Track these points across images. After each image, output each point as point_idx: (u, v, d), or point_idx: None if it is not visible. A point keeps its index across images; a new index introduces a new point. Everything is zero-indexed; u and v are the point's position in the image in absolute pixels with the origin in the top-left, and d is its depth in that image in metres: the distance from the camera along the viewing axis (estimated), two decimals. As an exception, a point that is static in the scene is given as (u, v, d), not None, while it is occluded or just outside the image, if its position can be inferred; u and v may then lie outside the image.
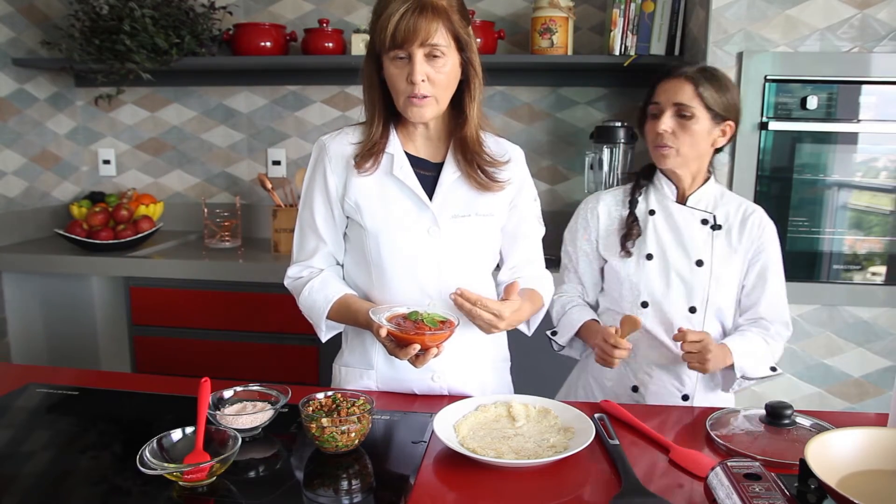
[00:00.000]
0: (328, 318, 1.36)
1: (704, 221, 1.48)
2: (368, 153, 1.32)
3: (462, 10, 1.27)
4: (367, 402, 1.14)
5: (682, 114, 1.40)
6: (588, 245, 1.56)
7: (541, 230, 1.48)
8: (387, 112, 1.33)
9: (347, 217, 1.37)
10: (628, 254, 1.49)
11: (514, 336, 1.56)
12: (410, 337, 1.18)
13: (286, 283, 1.43)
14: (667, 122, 1.41)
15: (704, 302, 1.46)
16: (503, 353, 1.50)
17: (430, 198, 1.33)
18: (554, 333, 1.55)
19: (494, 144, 1.40)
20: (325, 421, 1.06)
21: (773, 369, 1.44)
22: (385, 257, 1.34)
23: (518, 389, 1.36)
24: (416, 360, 1.20)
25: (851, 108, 2.03)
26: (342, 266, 1.44)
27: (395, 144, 1.34)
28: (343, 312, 1.35)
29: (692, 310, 1.46)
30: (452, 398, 1.28)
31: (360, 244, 1.36)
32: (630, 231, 1.50)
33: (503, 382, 1.49)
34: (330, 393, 1.17)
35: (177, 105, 2.93)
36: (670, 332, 1.44)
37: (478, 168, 1.34)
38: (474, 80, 1.32)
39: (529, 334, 1.47)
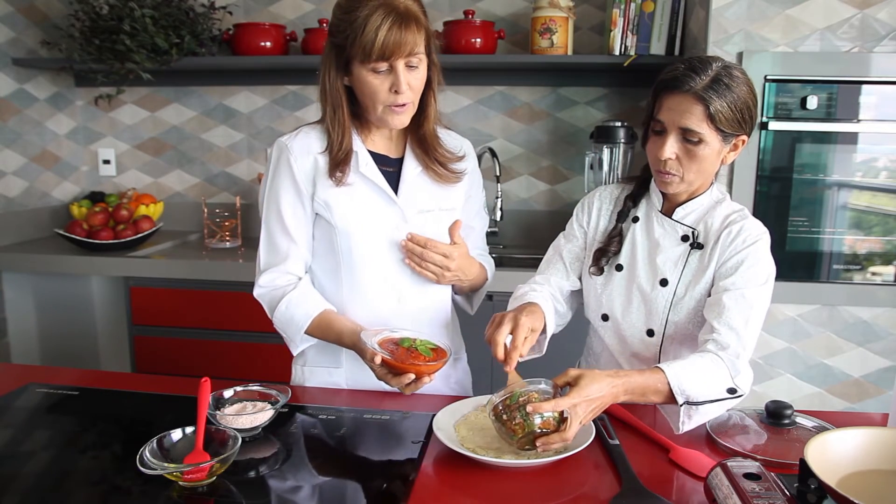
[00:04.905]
0: (306, 332, 1.36)
1: (685, 238, 1.30)
2: (342, 161, 1.32)
3: (424, 10, 1.27)
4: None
5: (689, 139, 1.19)
6: (581, 234, 1.42)
7: (486, 220, 1.58)
8: (350, 114, 1.34)
9: (316, 215, 1.37)
10: (600, 270, 1.36)
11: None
12: (406, 367, 1.19)
13: (257, 293, 1.39)
14: (671, 148, 1.21)
15: (662, 326, 1.30)
16: (457, 341, 1.55)
17: (396, 193, 1.36)
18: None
19: (449, 138, 1.45)
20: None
21: (733, 392, 1.15)
22: (356, 254, 1.35)
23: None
24: (407, 387, 1.21)
25: (851, 108, 2.03)
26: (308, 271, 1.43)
27: (357, 142, 1.35)
28: (324, 329, 1.35)
29: (650, 332, 1.32)
30: (452, 398, 1.28)
31: (330, 242, 1.37)
32: (608, 247, 1.35)
33: (464, 372, 1.57)
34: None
35: (177, 105, 2.93)
36: (626, 352, 1.36)
37: (436, 162, 1.39)
38: (436, 77, 1.35)
39: (472, 313, 1.55)
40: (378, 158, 1.37)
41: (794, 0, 1.99)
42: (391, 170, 1.38)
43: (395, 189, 1.37)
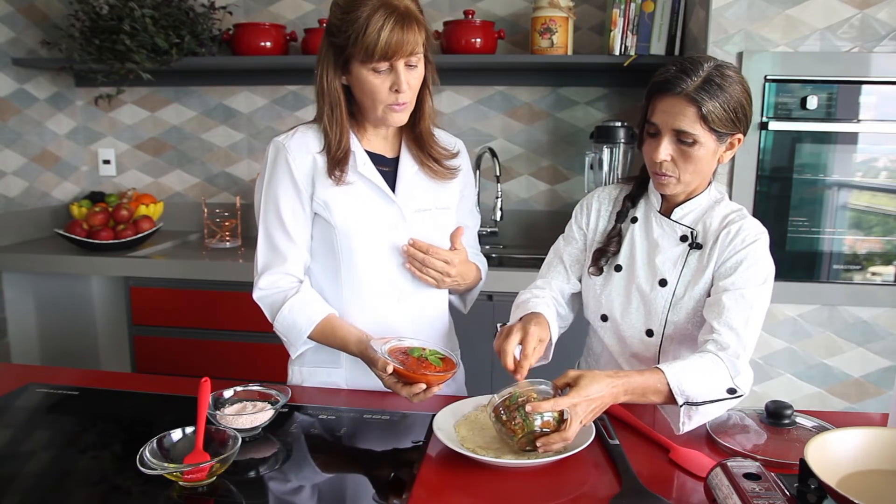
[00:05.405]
0: (308, 337, 1.36)
1: (684, 238, 1.30)
2: (341, 161, 1.32)
3: (421, 9, 1.27)
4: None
5: (683, 140, 1.19)
6: (580, 235, 1.42)
7: (479, 218, 1.59)
8: (347, 114, 1.34)
9: (315, 214, 1.36)
10: (599, 270, 1.36)
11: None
12: (417, 377, 1.19)
13: (257, 296, 1.37)
14: (665, 150, 1.21)
15: (662, 326, 1.30)
16: (452, 340, 1.55)
17: (393, 192, 1.37)
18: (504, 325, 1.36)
19: (442, 136, 1.46)
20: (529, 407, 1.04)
21: (733, 392, 1.15)
22: (356, 254, 1.35)
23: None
24: (416, 396, 1.21)
25: (851, 108, 2.03)
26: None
27: (353, 142, 1.35)
28: (328, 334, 1.35)
29: (649, 333, 1.32)
30: (451, 398, 1.28)
31: (329, 243, 1.37)
32: (607, 247, 1.36)
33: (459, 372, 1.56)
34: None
35: (177, 105, 2.93)
36: (625, 352, 1.37)
37: (431, 159, 1.40)
38: (431, 74, 1.35)
39: (466, 312, 1.57)
40: (374, 158, 1.37)
41: (794, 0, 1.99)
42: (387, 169, 1.39)
43: (392, 188, 1.37)
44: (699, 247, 1.29)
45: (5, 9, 2.57)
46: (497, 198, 2.59)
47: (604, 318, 1.37)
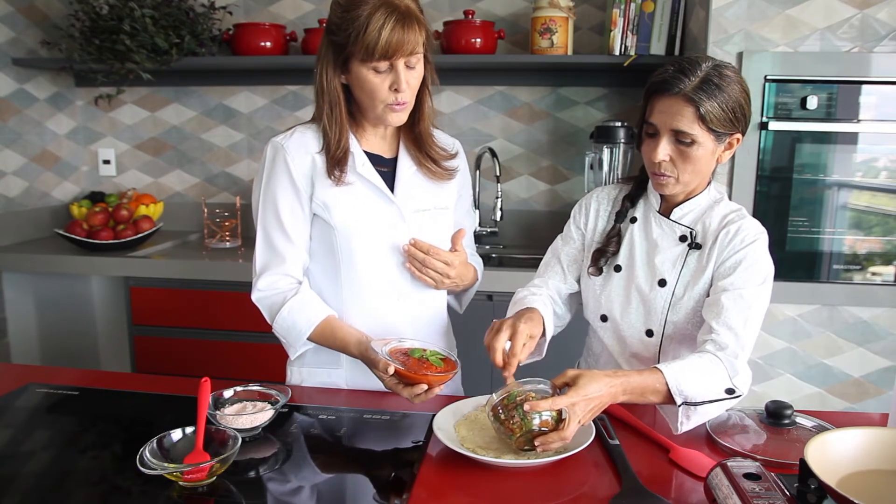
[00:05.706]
0: (307, 338, 1.35)
1: (683, 238, 1.30)
2: (340, 161, 1.32)
3: (421, 9, 1.27)
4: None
5: (682, 140, 1.19)
6: (579, 236, 1.42)
7: (476, 219, 1.57)
8: (346, 113, 1.34)
9: (314, 215, 1.36)
10: (598, 271, 1.36)
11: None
12: (419, 377, 1.19)
13: (255, 297, 1.37)
14: (664, 150, 1.20)
15: (661, 326, 1.30)
16: (450, 340, 1.55)
17: (392, 193, 1.37)
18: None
19: (441, 137, 1.47)
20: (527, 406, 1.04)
21: (731, 392, 1.15)
22: (356, 255, 1.35)
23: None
24: (417, 397, 1.21)
25: (851, 108, 2.03)
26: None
27: (352, 142, 1.35)
28: (327, 336, 1.34)
29: (649, 333, 1.31)
30: (451, 398, 1.28)
31: (328, 244, 1.36)
32: (606, 248, 1.35)
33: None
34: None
35: (177, 105, 2.93)
36: (625, 352, 1.36)
37: (430, 159, 1.40)
38: (430, 74, 1.35)
39: (462, 311, 1.57)
40: (372, 158, 1.37)
41: (794, 0, 1.99)
42: (385, 169, 1.39)
43: (391, 188, 1.37)
44: (698, 247, 1.29)
45: (5, 9, 2.57)
46: (497, 198, 2.59)
47: (603, 318, 1.37)
